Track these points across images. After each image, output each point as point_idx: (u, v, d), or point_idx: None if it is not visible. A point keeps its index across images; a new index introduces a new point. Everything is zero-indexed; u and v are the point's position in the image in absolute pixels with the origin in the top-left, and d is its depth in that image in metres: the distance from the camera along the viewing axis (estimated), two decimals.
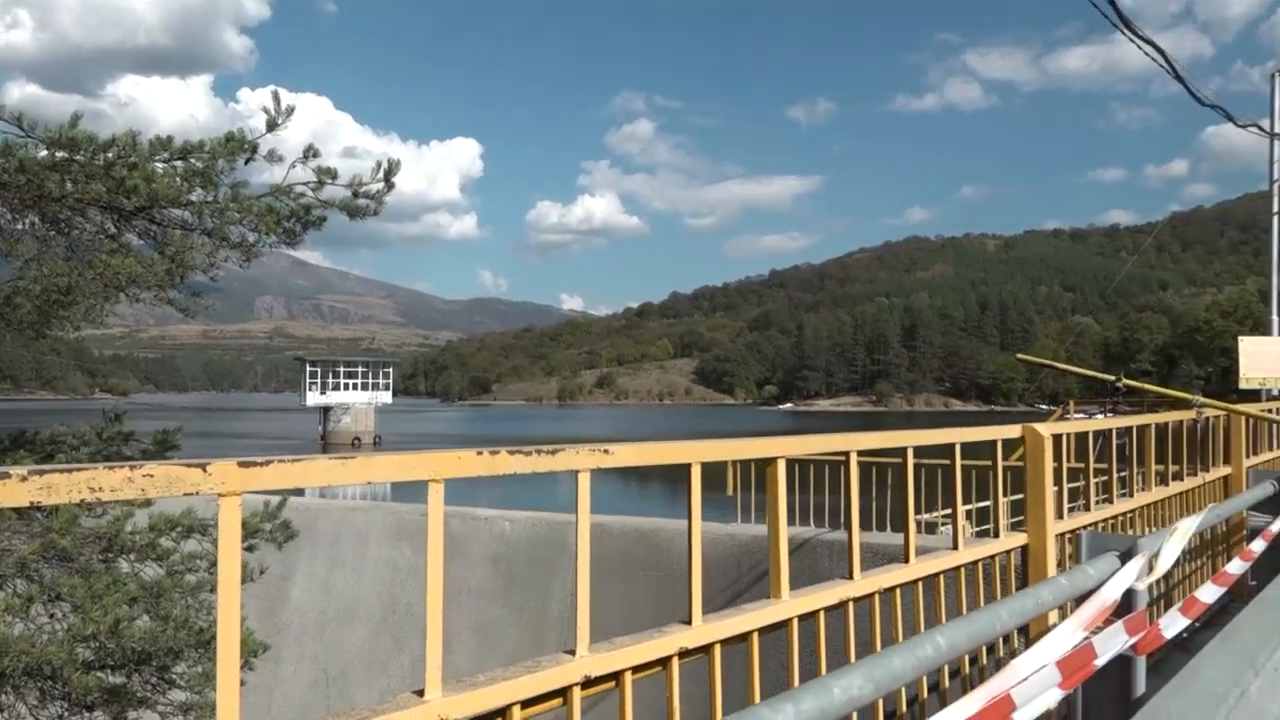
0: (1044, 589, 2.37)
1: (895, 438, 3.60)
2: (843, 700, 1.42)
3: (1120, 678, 2.59)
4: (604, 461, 2.35)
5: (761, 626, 2.79)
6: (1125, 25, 7.51)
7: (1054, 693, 1.86)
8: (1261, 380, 15.00)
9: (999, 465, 4.22)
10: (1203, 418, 7.15)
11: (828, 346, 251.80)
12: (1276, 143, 16.75)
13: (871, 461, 10.64)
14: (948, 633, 1.82)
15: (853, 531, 3.28)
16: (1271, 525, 4.41)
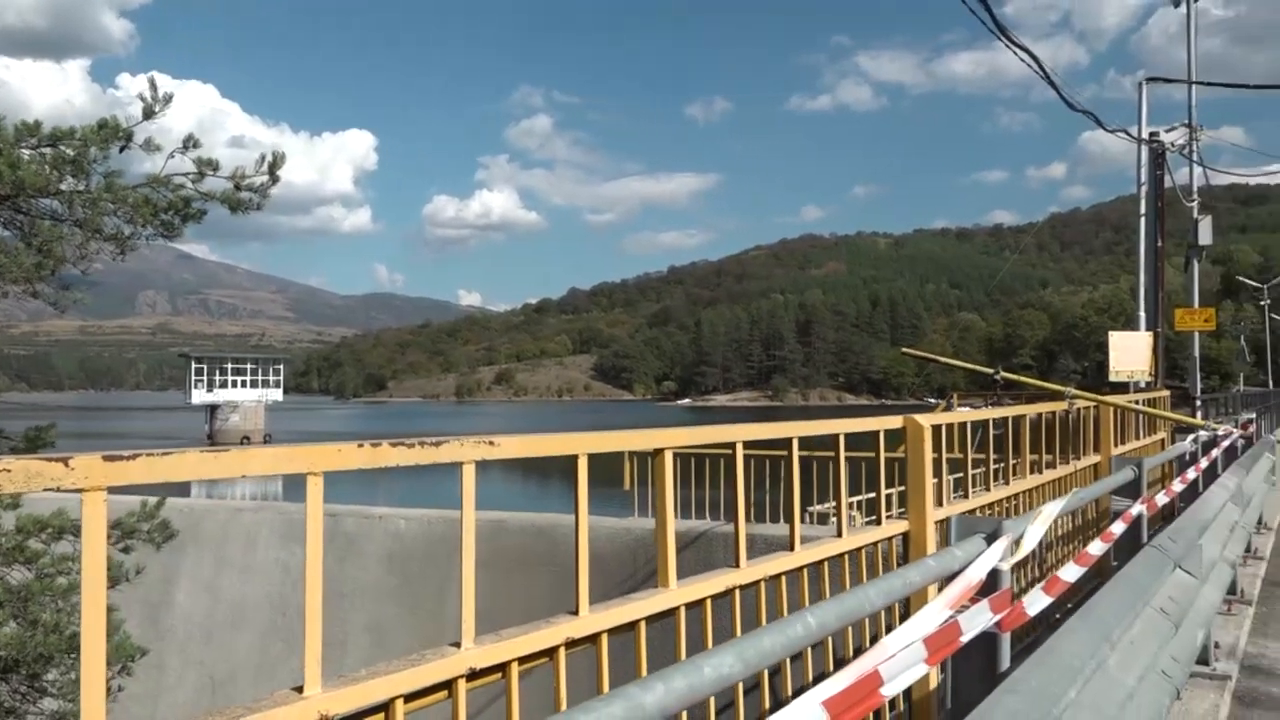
0: (912, 570, 2.47)
1: (780, 429, 3.68)
2: (713, 678, 1.45)
3: (986, 653, 2.72)
4: (489, 453, 2.35)
5: (648, 615, 2.83)
6: (1002, 33, 7.83)
7: (920, 667, 1.94)
8: (1129, 373, 15.81)
9: (882, 456, 4.35)
10: (1074, 409, 7.51)
11: (725, 342, 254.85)
12: (1144, 148, 17.63)
13: (765, 455, 10.84)
14: (818, 613, 1.88)
15: (739, 521, 3.35)
16: (1131, 508, 4.67)
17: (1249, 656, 6.26)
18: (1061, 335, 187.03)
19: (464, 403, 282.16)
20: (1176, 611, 3.94)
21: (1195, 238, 19.40)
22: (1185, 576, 4.42)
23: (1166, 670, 3.59)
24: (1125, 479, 4.84)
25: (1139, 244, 18.19)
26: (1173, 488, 6.18)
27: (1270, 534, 11.07)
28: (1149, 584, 3.36)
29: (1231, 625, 6.91)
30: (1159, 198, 17.67)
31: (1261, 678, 5.81)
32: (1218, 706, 5.14)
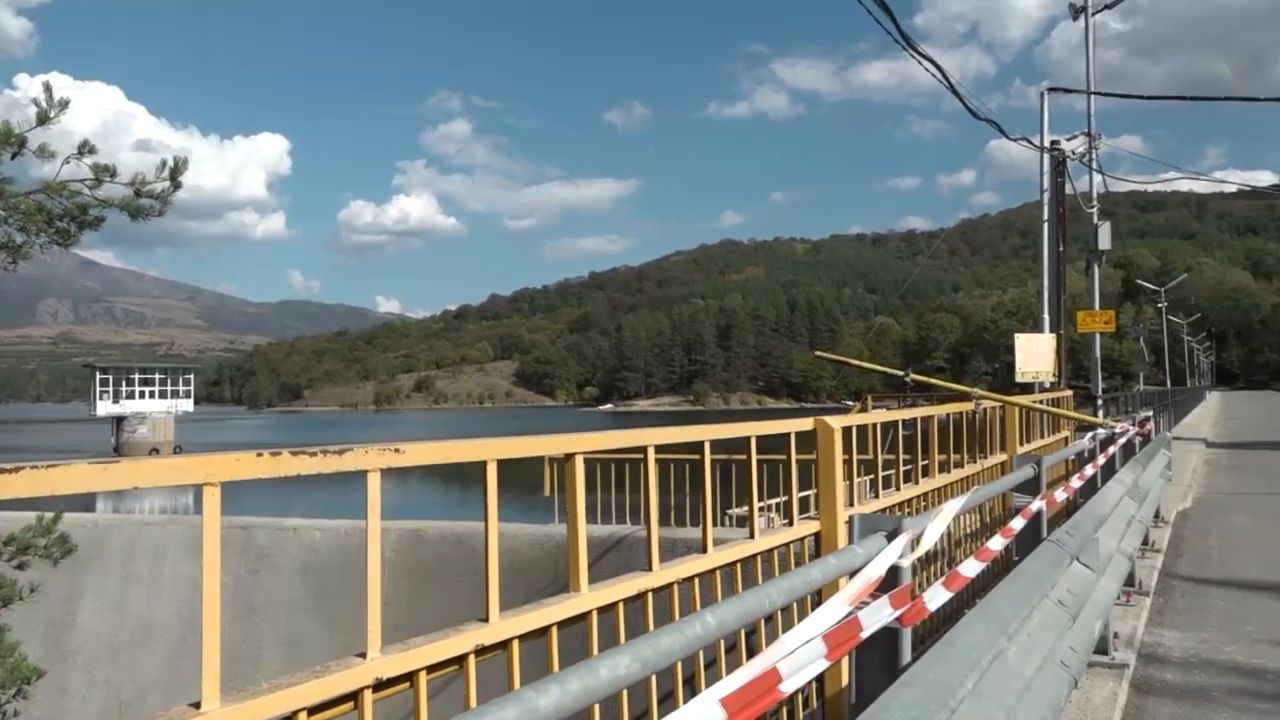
0: (814, 568, 2.52)
1: (692, 433, 3.71)
2: (610, 679, 1.47)
3: (888, 648, 2.79)
4: (395, 461, 2.32)
5: (560, 620, 2.83)
6: (907, 43, 8.04)
7: (820, 663, 1.98)
8: (1035, 374, 16.33)
9: (793, 458, 4.42)
10: (980, 409, 7.73)
11: (647, 348, 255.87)
12: (1046, 156, 18.24)
13: (686, 459, 10.94)
14: (718, 612, 1.91)
15: (651, 525, 3.37)
16: (1030, 504, 4.84)
17: (1146, 645, 6.51)
18: (973, 337, 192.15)
19: (383, 411, 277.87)
20: (1074, 603, 4.08)
21: (1095, 243, 20.13)
22: (1083, 569, 4.58)
23: (1065, 660, 3.72)
24: (1025, 476, 5.00)
25: (1042, 249, 18.82)
26: (1071, 484, 6.40)
27: (1167, 527, 11.53)
28: (1047, 577, 3.48)
29: (1130, 616, 7.18)
30: (1060, 204, 18.32)
31: (1157, 665, 6.06)
32: (1116, 694, 5.34)
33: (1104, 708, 5.11)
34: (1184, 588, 8.38)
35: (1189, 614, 7.43)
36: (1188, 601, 7.85)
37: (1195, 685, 5.66)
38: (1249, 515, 13.08)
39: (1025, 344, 16.49)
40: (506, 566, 13.97)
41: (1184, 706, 5.28)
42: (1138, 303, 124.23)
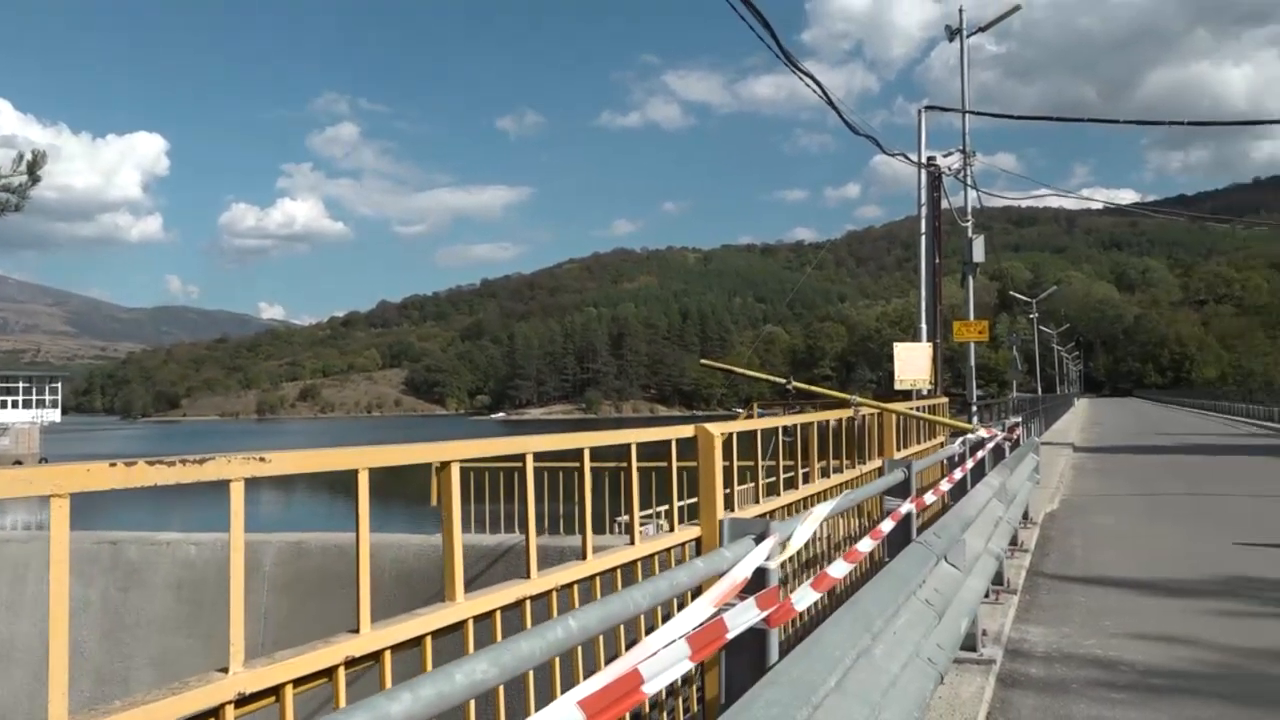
0: (680, 572, 2.56)
1: (572, 440, 3.73)
2: (465, 685, 1.47)
3: (756, 649, 2.85)
4: (259, 470, 2.27)
5: (435, 630, 2.81)
6: (787, 59, 8.25)
7: (684, 664, 2.02)
8: (912, 382, 16.88)
9: (674, 464, 4.47)
10: (859, 416, 7.95)
11: (539, 355, 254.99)
12: (923, 171, 18.92)
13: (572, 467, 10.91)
14: (580, 616, 1.93)
15: (529, 533, 3.37)
16: (900, 507, 5.01)
17: (1012, 641, 6.80)
18: (858, 346, 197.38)
19: (266, 420, 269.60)
20: (941, 602, 4.24)
21: (970, 255, 20.96)
22: (950, 569, 4.76)
23: (932, 657, 3.86)
24: (896, 480, 5.17)
25: (919, 260, 19.48)
26: (940, 487, 6.65)
27: (1035, 528, 12.05)
28: (913, 577, 3.61)
29: (998, 613, 7.48)
30: (937, 218, 19.02)
31: (1022, 660, 6.33)
32: (983, 689, 5.56)
33: (971, 702, 5.32)
34: (1049, 585, 8.77)
35: (1053, 610, 7.78)
36: (1052, 599, 8.22)
37: (1057, 678, 5.93)
38: (1111, 516, 13.77)
39: (903, 353, 17.03)
40: (392, 577, 13.69)
41: (1046, 699, 5.53)
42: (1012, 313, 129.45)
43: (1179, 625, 7.26)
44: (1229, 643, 6.70)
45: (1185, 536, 11.74)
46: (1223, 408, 67.17)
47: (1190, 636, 6.90)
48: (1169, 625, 7.27)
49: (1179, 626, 7.22)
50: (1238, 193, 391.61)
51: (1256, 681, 5.84)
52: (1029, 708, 5.37)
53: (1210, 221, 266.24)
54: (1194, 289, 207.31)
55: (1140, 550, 10.77)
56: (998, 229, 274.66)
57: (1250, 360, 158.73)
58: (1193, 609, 7.84)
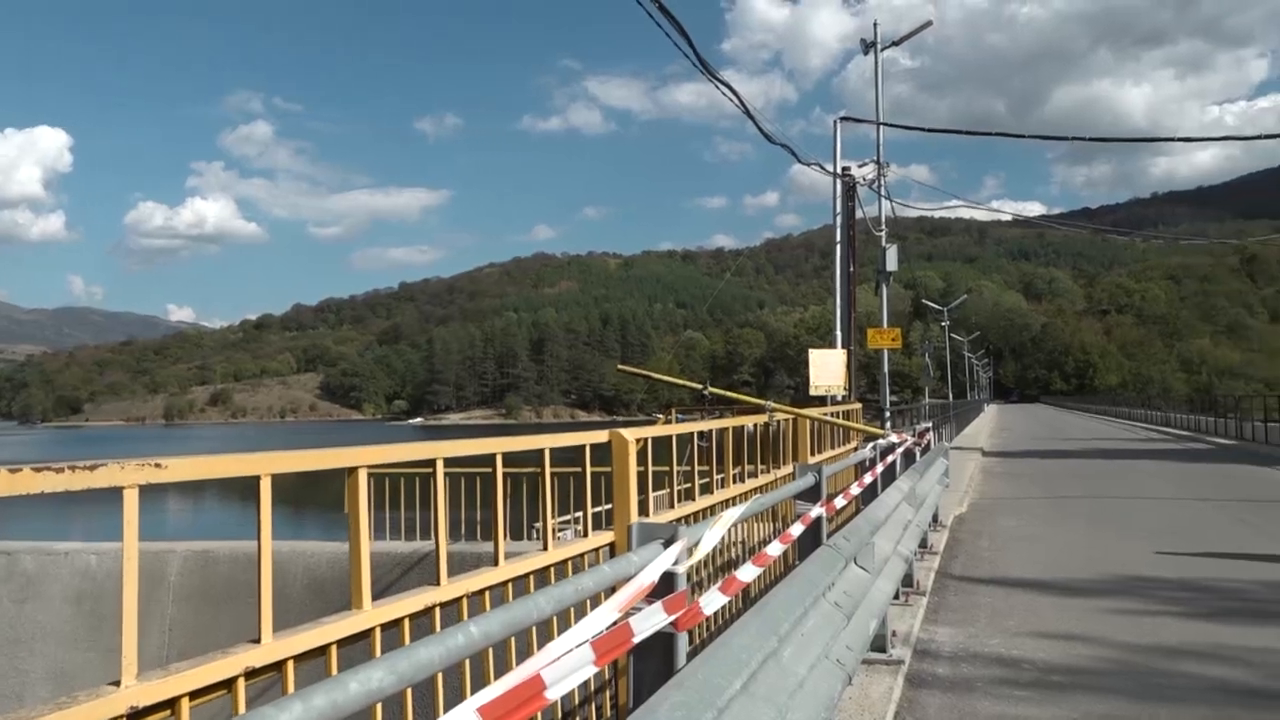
0: (586, 576, 2.56)
1: (483, 445, 3.70)
2: (360, 694, 1.44)
3: (664, 653, 2.87)
4: (155, 476, 2.21)
5: (340, 639, 2.76)
6: (704, 67, 8.35)
7: (589, 669, 2.03)
8: (827, 388, 17.17)
9: (588, 470, 4.48)
10: (774, 421, 8.05)
11: (458, 360, 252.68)
12: (838, 181, 19.28)
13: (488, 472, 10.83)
14: (481, 623, 1.91)
15: (440, 538, 3.34)
16: (810, 511, 5.10)
17: (921, 642, 6.95)
18: (776, 353, 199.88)
19: (174, 426, 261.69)
20: (850, 604, 4.31)
21: (883, 264, 21.41)
22: (860, 572, 4.85)
23: (840, 659, 3.92)
24: (807, 484, 5.26)
25: (834, 269, 19.84)
26: (851, 491, 6.78)
27: (945, 531, 12.35)
28: (822, 580, 3.67)
29: (908, 615, 7.65)
30: (851, 227, 19.40)
31: (930, 660, 6.48)
32: (892, 689, 5.68)
33: (880, 702, 5.42)
34: (957, 587, 8.99)
35: (960, 611, 7.98)
36: (960, 599, 8.43)
37: (962, 677, 6.08)
38: (1017, 518, 14.17)
39: (818, 359, 17.29)
40: (304, 586, 13.38)
41: (951, 697, 5.67)
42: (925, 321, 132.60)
43: (1078, 624, 7.51)
44: (1125, 640, 6.95)
45: (1085, 538, 12.15)
46: (1123, 413, 69.73)
47: (1089, 634, 7.14)
48: (1069, 624, 7.51)
49: (1078, 625, 7.47)
50: (1138, 207, 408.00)
51: (1150, 677, 6.06)
52: (935, 706, 5.49)
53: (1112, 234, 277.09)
54: (1097, 299, 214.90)
55: (1043, 552, 11.11)
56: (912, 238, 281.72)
57: (1149, 368, 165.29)
58: (1091, 608, 8.11)
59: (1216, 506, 15.20)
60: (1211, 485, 18.71)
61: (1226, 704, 5.46)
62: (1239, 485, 18.72)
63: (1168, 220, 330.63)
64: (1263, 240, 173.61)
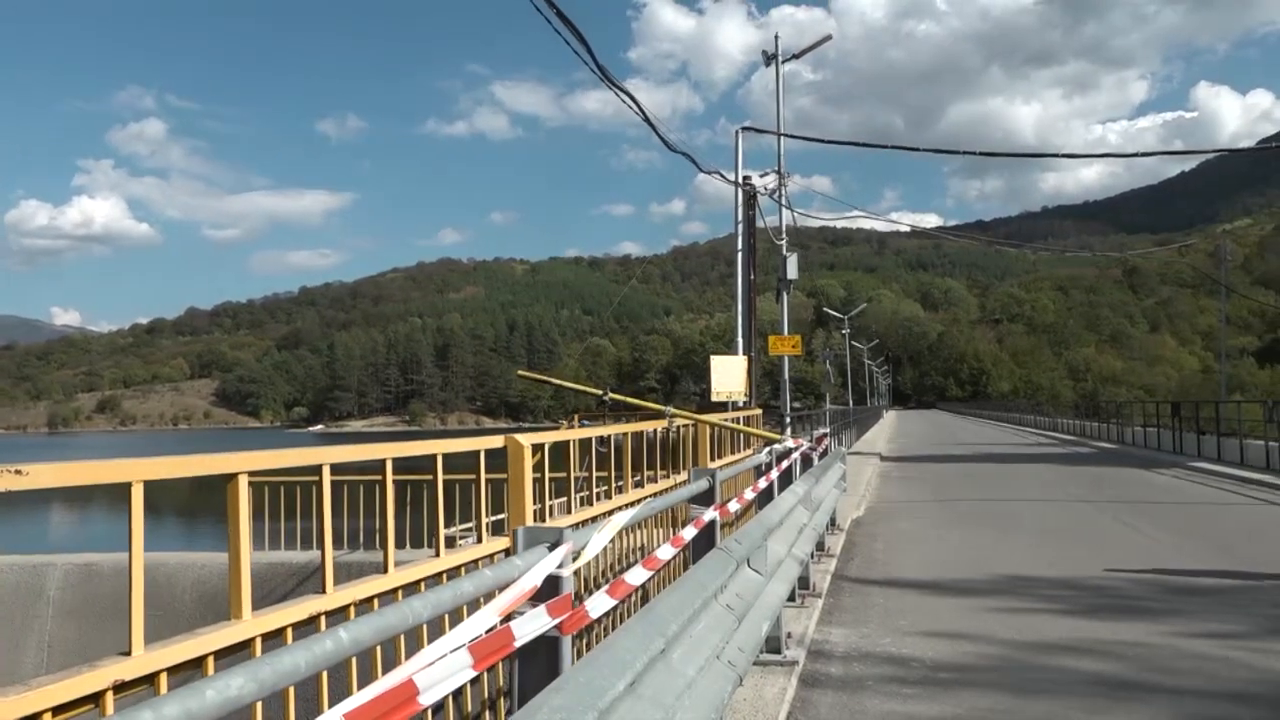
0: (466, 581, 2.55)
1: (374, 450, 3.65)
2: (218, 702, 1.41)
3: (550, 657, 2.88)
4: (15, 484, 2.12)
5: (217, 650, 2.68)
6: (603, 74, 8.39)
7: (466, 673, 2.02)
8: (728, 394, 17.39)
9: (482, 476, 4.45)
10: (674, 426, 8.12)
11: (360, 366, 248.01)
12: (740, 190, 19.57)
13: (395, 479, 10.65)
14: (353, 628, 1.89)
15: (325, 545, 3.29)
16: (702, 515, 5.16)
17: (815, 643, 7.09)
18: (682, 359, 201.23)
19: (58, 434, 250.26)
20: (742, 606, 4.38)
21: (784, 272, 21.80)
22: (752, 574, 4.92)
23: (732, 660, 3.98)
24: (701, 488, 5.32)
25: (736, 276, 20.12)
26: (744, 495, 6.88)
27: (842, 534, 12.61)
28: (712, 582, 3.71)
29: (803, 616, 7.79)
30: (752, 235, 19.71)
31: (824, 661, 6.61)
32: (785, 689, 5.78)
33: (774, 703, 5.51)
34: (852, 588, 9.20)
35: (854, 612, 8.16)
36: (854, 601, 8.63)
37: (854, 676, 6.22)
38: (912, 521, 14.57)
39: (719, 365, 17.49)
40: (194, 598, 12.98)
41: (843, 696, 5.79)
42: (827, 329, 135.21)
43: (966, 622, 7.76)
44: (1008, 637, 7.21)
45: (975, 539, 12.55)
46: (1014, 419, 72.30)
47: (975, 633, 7.39)
48: (957, 623, 7.75)
49: (966, 624, 7.72)
50: (1028, 220, 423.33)
51: (1030, 672, 6.30)
52: (827, 705, 5.61)
53: (1004, 246, 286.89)
54: (990, 308, 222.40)
55: (935, 553, 11.44)
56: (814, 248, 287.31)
57: (1038, 375, 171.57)
58: (978, 607, 8.39)
59: (1097, 507, 15.87)
60: (1093, 487, 19.53)
61: (1098, 696, 5.71)
62: (1118, 487, 19.58)
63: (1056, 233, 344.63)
64: (1143, 254, 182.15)
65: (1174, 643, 6.93)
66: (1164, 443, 30.19)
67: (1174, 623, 7.56)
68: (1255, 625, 7.49)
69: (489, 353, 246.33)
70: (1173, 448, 28.96)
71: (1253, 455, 22.72)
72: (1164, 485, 20.03)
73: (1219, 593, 8.80)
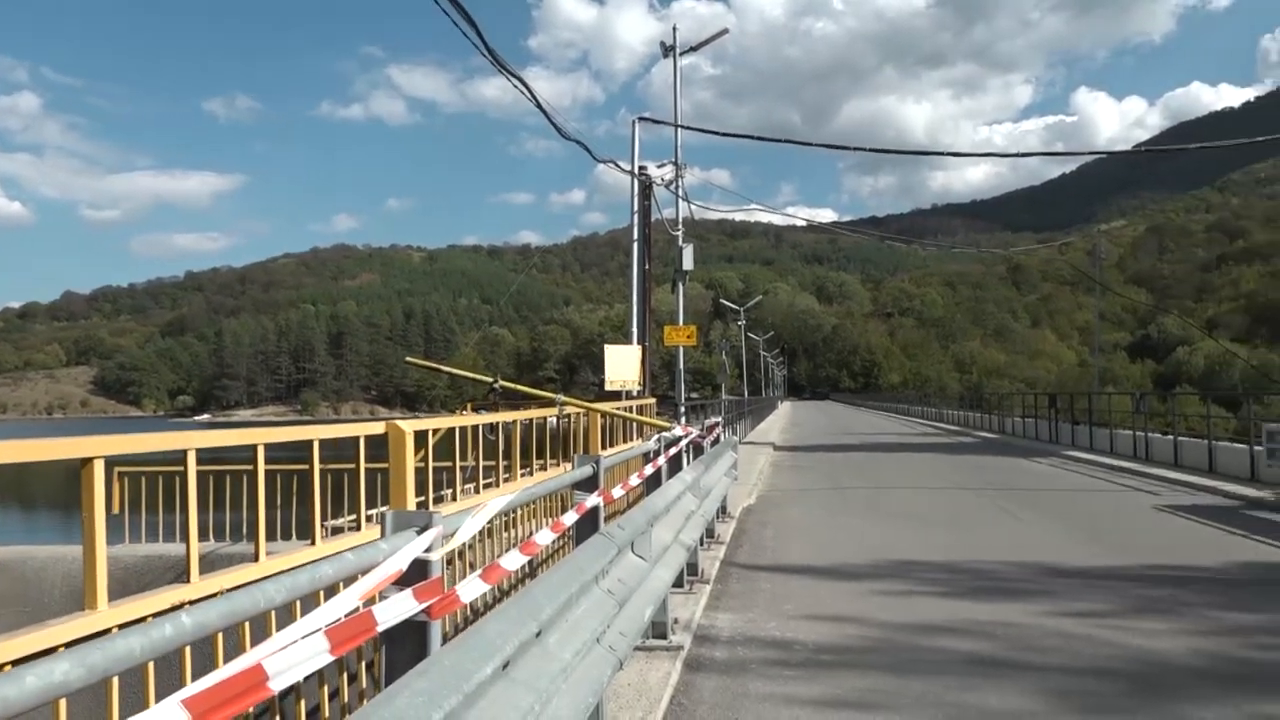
0: (326, 564, 2.50)
1: (245, 435, 3.55)
2: (38, 689, 1.34)
3: (418, 642, 2.84)
4: None
5: (69, 640, 2.57)
6: (494, 59, 8.28)
7: (323, 658, 1.97)
8: (622, 383, 17.45)
9: (361, 463, 4.37)
10: (564, 414, 8.12)
11: (250, 354, 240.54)
12: (636, 180, 19.62)
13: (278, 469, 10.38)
14: (196, 613, 1.83)
15: (190, 533, 3.18)
16: (585, 500, 5.17)
17: (701, 628, 7.17)
18: (581, 349, 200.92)
19: None
20: (624, 591, 4.39)
21: (680, 263, 21.95)
22: (636, 560, 4.95)
23: (613, 644, 3.99)
24: (584, 474, 5.32)
25: (631, 266, 20.19)
26: (629, 482, 6.91)
27: (732, 521, 12.79)
28: (591, 567, 3.72)
29: (691, 602, 7.87)
30: (647, 225, 19.79)
31: (709, 645, 6.69)
32: (669, 674, 5.83)
33: (658, 687, 5.56)
34: (740, 574, 9.34)
35: (741, 597, 8.28)
36: (741, 586, 8.76)
37: (738, 660, 6.32)
38: (801, 509, 14.86)
39: (614, 355, 17.54)
40: (64, 593, 12.43)
41: (726, 679, 5.87)
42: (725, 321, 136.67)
43: (850, 606, 7.96)
44: (889, 619, 7.42)
45: (862, 525, 12.88)
46: (904, 409, 74.41)
47: (858, 615, 7.58)
48: (840, 606, 7.94)
49: (849, 607, 7.91)
50: (919, 217, 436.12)
51: (908, 652, 6.50)
52: (710, 689, 5.68)
53: (896, 241, 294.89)
54: (882, 302, 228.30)
55: (823, 539, 11.70)
56: (713, 240, 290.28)
57: (927, 367, 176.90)
58: (862, 590, 8.61)
59: (978, 495, 16.46)
60: (975, 475, 20.25)
61: (971, 673, 5.93)
62: (999, 475, 20.34)
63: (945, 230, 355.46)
64: (1025, 251, 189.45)
65: (1044, 622, 7.24)
66: (1042, 432, 31.48)
67: (1045, 603, 7.89)
68: (1118, 605, 7.88)
69: (385, 341, 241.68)
70: (1050, 437, 30.23)
71: (1122, 444, 23.88)
72: (1041, 473, 20.90)
73: (1087, 575, 9.22)
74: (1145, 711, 5.20)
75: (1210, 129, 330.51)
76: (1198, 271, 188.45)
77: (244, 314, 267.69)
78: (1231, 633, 6.89)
